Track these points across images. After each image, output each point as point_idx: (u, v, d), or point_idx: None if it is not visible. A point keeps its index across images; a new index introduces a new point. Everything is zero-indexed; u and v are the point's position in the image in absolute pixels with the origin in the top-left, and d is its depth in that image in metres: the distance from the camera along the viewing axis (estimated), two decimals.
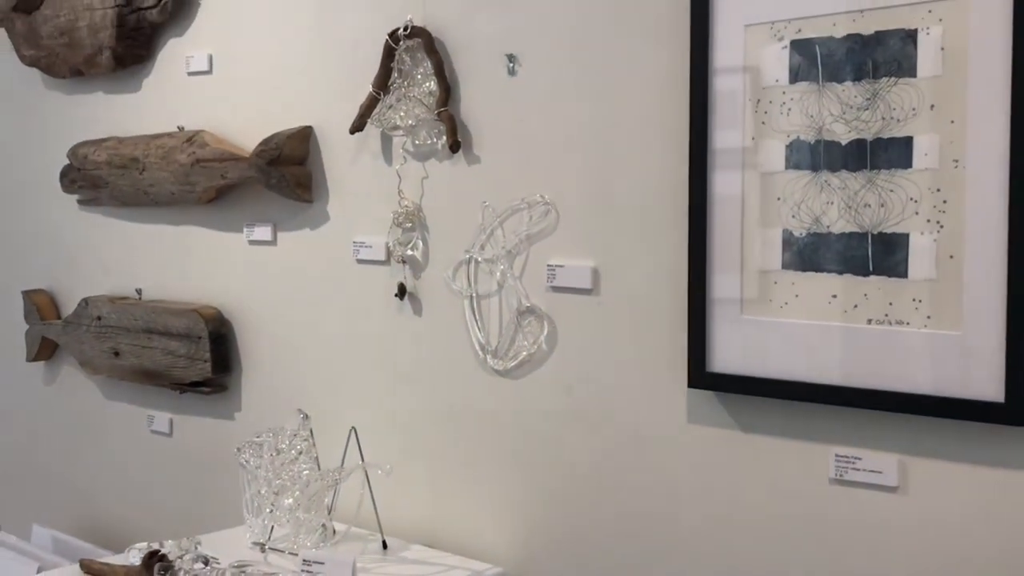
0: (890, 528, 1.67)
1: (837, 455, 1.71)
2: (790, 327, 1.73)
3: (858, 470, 1.69)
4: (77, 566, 2.06)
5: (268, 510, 2.14)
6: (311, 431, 2.21)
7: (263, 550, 2.15)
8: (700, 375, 1.83)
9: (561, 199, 2.05)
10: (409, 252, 2.28)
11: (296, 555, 2.04)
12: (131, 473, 3.00)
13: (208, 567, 1.90)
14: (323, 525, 2.16)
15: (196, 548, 2.00)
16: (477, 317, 2.18)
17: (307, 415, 2.22)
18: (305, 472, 2.14)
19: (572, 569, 2.05)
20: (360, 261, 2.38)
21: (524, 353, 2.10)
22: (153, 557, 1.91)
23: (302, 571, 1.95)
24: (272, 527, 2.16)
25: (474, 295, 2.18)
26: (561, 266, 2.04)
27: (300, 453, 2.16)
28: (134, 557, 2.01)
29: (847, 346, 1.67)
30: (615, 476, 1.99)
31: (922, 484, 1.64)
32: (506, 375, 2.14)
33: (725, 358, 1.80)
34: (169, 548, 1.98)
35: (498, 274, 2.14)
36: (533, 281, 2.09)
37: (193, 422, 2.80)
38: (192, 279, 2.79)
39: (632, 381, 1.95)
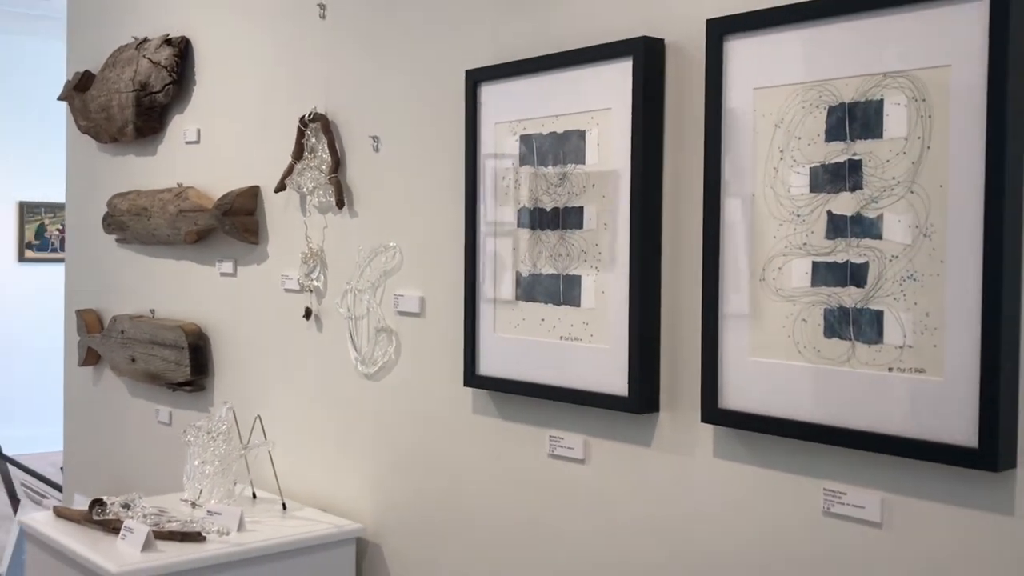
0: (578, 491, 2.28)
1: (551, 436, 2.33)
2: (519, 341, 2.36)
3: (563, 447, 2.31)
4: (52, 511, 2.83)
5: (195, 476, 2.88)
6: (234, 415, 2.94)
7: (192, 506, 2.88)
8: (471, 377, 2.48)
9: (405, 245, 2.72)
10: (314, 283, 2.99)
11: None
12: (145, 454, 3.79)
13: (129, 509, 2.64)
14: (228, 488, 2.88)
15: (137, 501, 2.74)
16: (353, 334, 2.87)
17: (231, 405, 2.95)
18: (222, 447, 2.87)
19: (406, 524, 2.72)
20: (286, 290, 3.11)
21: (381, 361, 2.79)
22: (95, 503, 2.66)
23: (205, 518, 2.68)
24: (201, 490, 2.90)
25: (352, 317, 2.87)
26: (403, 295, 2.72)
27: (220, 433, 2.89)
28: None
29: (550, 356, 2.29)
30: (431, 454, 2.65)
31: (600, 460, 2.25)
32: (371, 378, 2.83)
33: (487, 364, 2.45)
34: (114, 499, 2.73)
35: (366, 301, 2.83)
36: (387, 306, 2.77)
37: (183, 414, 3.57)
38: (185, 302, 3.57)
39: (442, 383, 2.61)
